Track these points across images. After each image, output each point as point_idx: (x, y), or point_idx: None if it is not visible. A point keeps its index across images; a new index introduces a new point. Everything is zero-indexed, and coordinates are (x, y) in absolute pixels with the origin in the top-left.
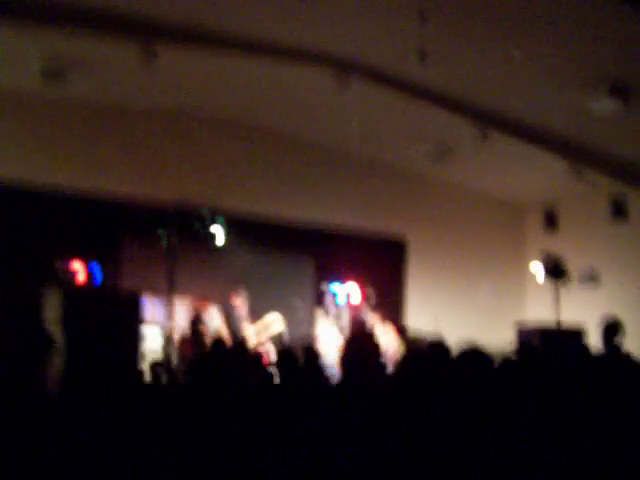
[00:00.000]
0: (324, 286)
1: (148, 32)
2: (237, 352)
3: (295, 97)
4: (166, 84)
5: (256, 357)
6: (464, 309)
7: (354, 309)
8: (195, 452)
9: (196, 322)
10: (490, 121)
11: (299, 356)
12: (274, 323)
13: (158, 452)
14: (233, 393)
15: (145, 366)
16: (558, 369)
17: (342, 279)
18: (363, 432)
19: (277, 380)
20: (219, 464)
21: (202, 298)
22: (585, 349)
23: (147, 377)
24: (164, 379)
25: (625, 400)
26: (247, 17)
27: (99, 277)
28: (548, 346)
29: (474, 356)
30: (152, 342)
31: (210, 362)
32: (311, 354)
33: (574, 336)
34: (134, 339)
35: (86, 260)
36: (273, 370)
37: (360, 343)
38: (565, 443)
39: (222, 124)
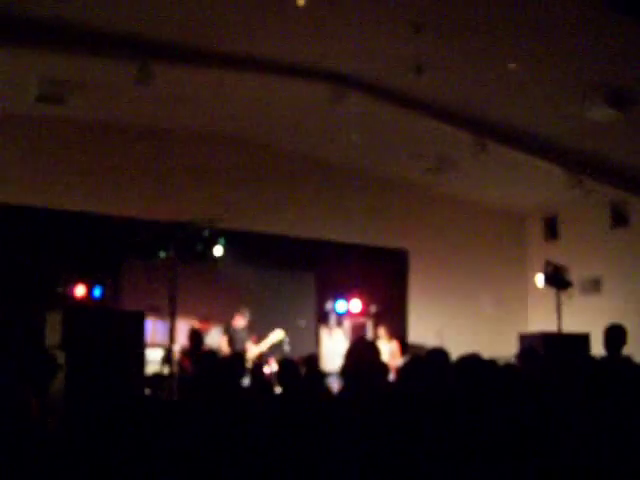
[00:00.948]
0: (328, 305)
1: (144, 52)
2: (234, 362)
3: (293, 113)
4: (163, 103)
5: (255, 367)
6: (467, 320)
7: (357, 325)
8: (194, 463)
9: (196, 341)
10: (488, 132)
11: (300, 366)
12: (275, 334)
13: (160, 466)
14: (230, 404)
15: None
16: (560, 373)
17: (345, 296)
18: (362, 439)
19: (278, 389)
20: (219, 474)
21: (205, 319)
22: (587, 354)
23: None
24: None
25: (628, 402)
26: (242, 34)
27: (101, 298)
28: (551, 352)
29: (472, 362)
30: (155, 365)
31: (206, 374)
32: (312, 363)
33: (577, 342)
34: (138, 361)
35: (88, 281)
36: (274, 380)
37: (361, 350)
38: (569, 445)
39: (221, 141)
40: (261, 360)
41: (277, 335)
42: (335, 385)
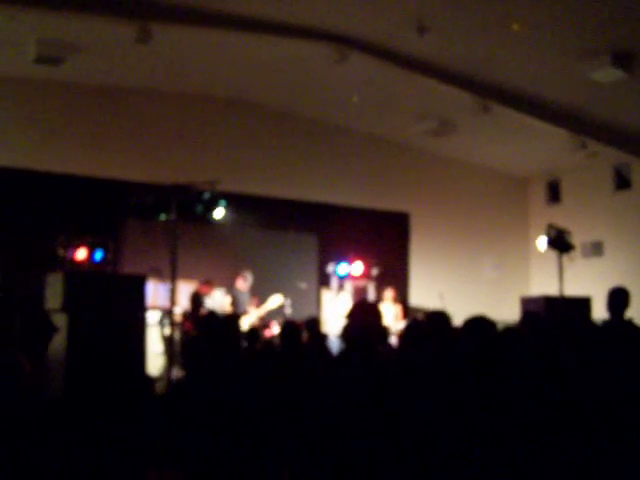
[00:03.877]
0: (329, 267)
1: (143, 12)
2: (228, 323)
3: (294, 74)
4: (163, 64)
5: (252, 330)
6: (469, 283)
7: (358, 288)
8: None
9: (196, 303)
10: (491, 94)
11: (302, 329)
12: (274, 300)
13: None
14: (230, 364)
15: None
16: (562, 336)
17: (346, 258)
18: (363, 399)
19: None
20: (222, 434)
21: (206, 281)
22: (589, 316)
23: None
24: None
25: (631, 364)
26: None
27: (102, 261)
28: (553, 315)
29: (478, 323)
30: (155, 327)
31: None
32: (313, 326)
33: (579, 305)
34: (139, 324)
35: (88, 244)
36: (275, 342)
37: (361, 312)
38: (567, 406)
39: (221, 103)
40: (262, 323)
41: (276, 301)
42: (335, 347)
